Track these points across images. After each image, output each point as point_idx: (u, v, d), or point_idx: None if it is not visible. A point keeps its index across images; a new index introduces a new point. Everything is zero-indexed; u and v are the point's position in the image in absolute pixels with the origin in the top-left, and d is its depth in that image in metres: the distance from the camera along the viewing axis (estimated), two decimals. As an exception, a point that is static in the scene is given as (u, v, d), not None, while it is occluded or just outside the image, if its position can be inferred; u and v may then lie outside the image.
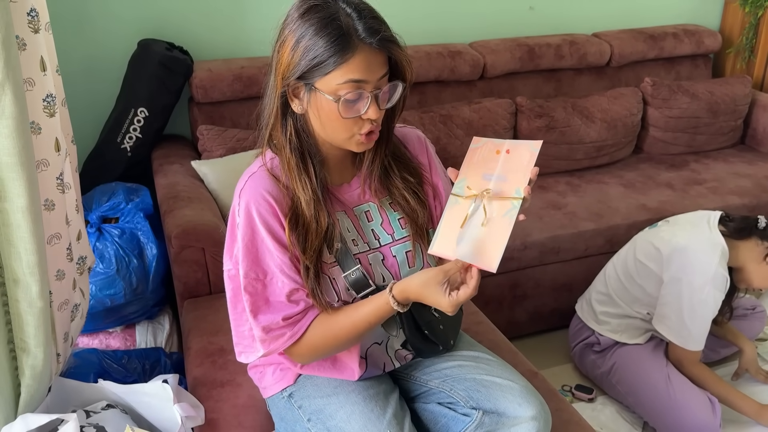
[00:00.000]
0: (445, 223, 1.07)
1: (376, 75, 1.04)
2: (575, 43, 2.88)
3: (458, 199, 1.09)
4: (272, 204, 1.10)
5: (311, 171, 1.12)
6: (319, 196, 1.12)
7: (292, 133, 1.11)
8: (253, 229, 1.11)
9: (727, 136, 3.03)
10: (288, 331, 1.13)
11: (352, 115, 1.05)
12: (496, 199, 1.05)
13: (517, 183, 1.05)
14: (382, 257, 1.19)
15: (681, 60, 3.14)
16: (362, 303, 1.13)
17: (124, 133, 2.32)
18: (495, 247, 1.01)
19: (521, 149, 1.08)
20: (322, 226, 1.11)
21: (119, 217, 2.09)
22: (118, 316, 2.03)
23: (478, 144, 1.12)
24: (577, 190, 2.59)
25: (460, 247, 1.04)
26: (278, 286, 1.11)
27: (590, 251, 2.34)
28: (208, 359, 1.58)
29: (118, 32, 2.39)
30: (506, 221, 1.02)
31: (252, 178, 1.13)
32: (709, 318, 1.91)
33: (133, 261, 2.02)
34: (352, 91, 1.02)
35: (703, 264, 1.87)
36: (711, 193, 2.58)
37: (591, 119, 2.75)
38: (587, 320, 2.15)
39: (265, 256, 1.11)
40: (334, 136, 1.09)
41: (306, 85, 1.05)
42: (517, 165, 1.07)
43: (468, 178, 1.09)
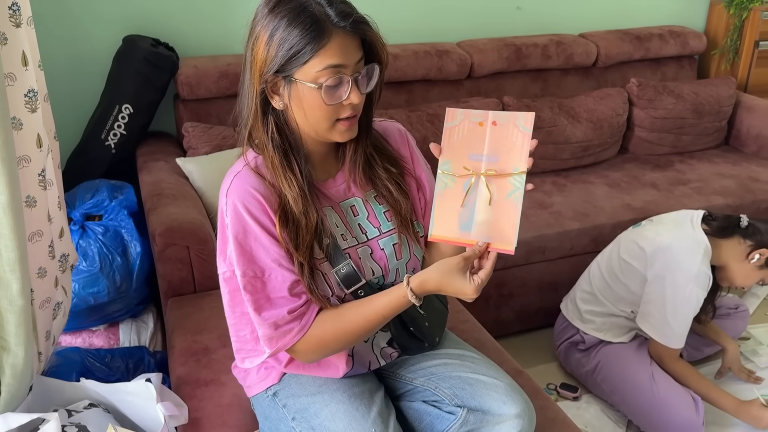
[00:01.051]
0: (439, 206, 1.06)
1: (354, 59, 1.04)
2: (562, 44, 2.89)
3: (449, 179, 1.06)
4: (260, 200, 1.10)
5: (296, 167, 1.11)
6: (306, 192, 1.11)
7: (273, 130, 1.10)
8: (244, 227, 1.10)
9: (712, 137, 3.06)
10: (296, 325, 1.11)
11: (335, 101, 1.05)
12: (496, 177, 1.03)
13: (513, 161, 1.03)
14: (371, 251, 1.19)
15: (667, 61, 3.17)
16: (376, 296, 1.12)
17: (108, 129, 2.30)
18: (509, 227, 1.02)
19: (510, 123, 1.04)
20: (312, 221, 1.11)
21: (103, 215, 2.07)
22: (101, 315, 2.01)
23: (455, 122, 1.07)
24: (563, 190, 2.60)
25: (473, 229, 1.04)
26: (278, 280, 1.10)
27: (576, 250, 2.34)
28: (192, 358, 1.56)
29: (103, 28, 2.37)
30: (512, 202, 1.02)
31: (237, 177, 1.12)
32: (691, 316, 1.92)
33: (117, 259, 2.00)
34: (333, 76, 1.02)
35: (686, 262, 1.89)
36: (695, 193, 2.60)
37: (577, 119, 2.76)
38: (572, 319, 2.16)
39: (259, 252, 1.10)
40: (317, 126, 1.08)
41: (285, 78, 1.05)
42: (509, 141, 1.04)
43: (452, 161, 1.06)
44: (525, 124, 1.04)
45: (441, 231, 1.07)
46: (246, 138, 1.13)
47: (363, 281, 1.15)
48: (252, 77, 1.06)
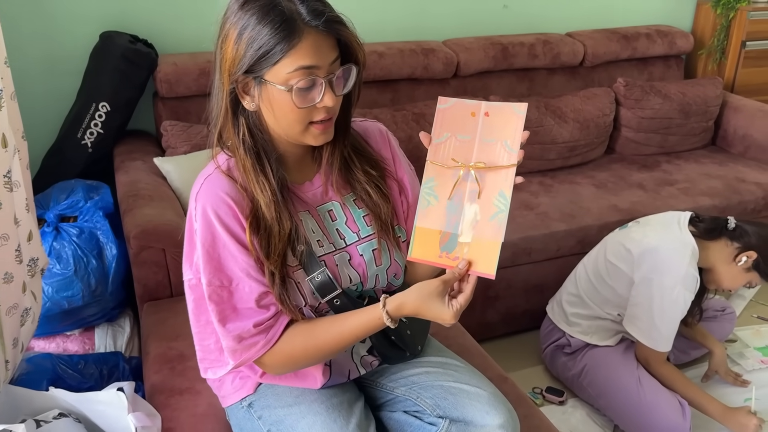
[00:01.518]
0: (421, 226, 1.03)
1: (328, 59, 0.99)
2: (549, 43, 2.86)
3: (432, 197, 1.03)
4: (231, 205, 1.05)
5: (269, 171, 1.06)
6: (279, 198, 1.06)
7: (245, 132, 1.05)
8: (213, 233, 1.05)
9: (699, 137, 3.05)
10: (261, 339, 1.07)
11: (307, 104, 1.00)
12: (487, 170, 0.99)
13: (504, 152, 0.99)
14: (349, 257, 1.15)
15: (654, 60, 3.15)
16: (350, 314, 1.08)
17: (84, 128, 2.24)
18: (491, 251, 0.99)
19: (504, 112, 1.00)
20: (285, 228, 1.06)
21: (78, 216, 2.02)
22: (76, 319, 1.95)
23: (447, 104, 1.04)
24: (549, 191, 2.57)
25: (454, 250, 1.01)
26: (246, 291, 1.06)
27: (562, 252, 2.32)
28: (167, 365, 1.51)
29: (80, 25, 2.31)
30: (495, 225, 0.98)
31: (208, 180, 1.07)
32: (678, 318, 1.90)
33: (92, 261, 1.94)
34: (305, 78, 0.97)
35: (673, 264, 1.86)
36: (682, 194, 2.58)
37: (564, 119, 2.73)
38: (558, 322, 2.13)
39: (228, 261, 1.05)
40: (289, 129, 1.04)
41: (255, 79, 1.00)
42: (501, 132, 1.00)
43: (437, 178, 1.03)
44: (520, 109, 1.00)
45: (421, 252, 1.03)
46: (216, 139, 1.08)
47: (339, 290, 1.10)
48: (221, 77, 1.02)
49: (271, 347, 1.08)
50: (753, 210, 2.60)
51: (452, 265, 1.01)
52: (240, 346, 1.06)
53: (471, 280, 1.01)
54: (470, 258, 1.00)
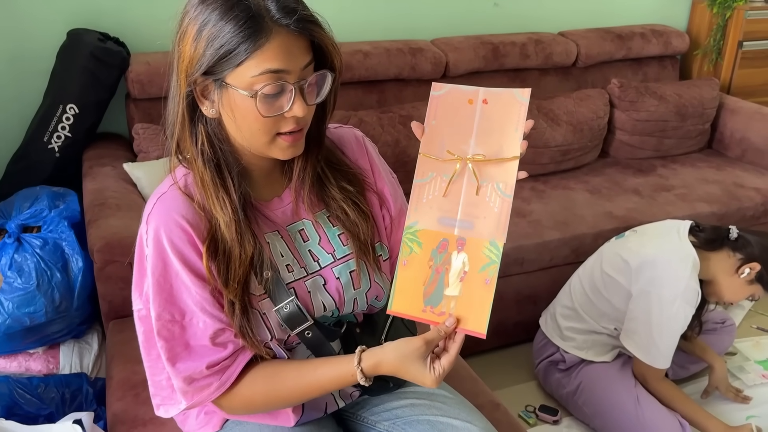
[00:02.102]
0: (403, 276, 0.92)
1: (299, 63, 0.87)
2: (541, 42, 2.77)
3: (415, 244, 0.92)
4: (187, 229, 0.93)
5: (230, 186, 0.94)
6: (240, 216, 0.94)
7: (203, 141, 0.93)
8: (164, 261, 0.93)
9: (695, 140, 2.96)
10: (215, 381, 0.96)
11: (274, 112, 0.88)
12: (487, 163, 0.89)
13: (505, 142, 0.89)
14: (324, 281, 1.03)
15: (648, 61, 3.06)
16: (320, 364, 0.97)
17: (51, 132, 2.11)
18: (481, 306, 0.88)
19: (504, 99, 0.91)
20: (247, 251, 0.94)
21: (41, 226, 1.89)
22: (39, 336, 1.83)
23: (441, 91, 0.94)
24: (542, 196, 2.47)
25: (440, 304, 0.90)
26: (199, 327, 0.94)
27: (555, 261, 2.22)
28: (131, 392, 1.39)
29: (46, 21, 2.18)
30: (485, 277, 0.88)
31: (161, 200, 0.96)
32: (678, 334, 1.81)
33: (56, 275, 1.82)
34: (272, 83, 0.86)
35: (673, 277, 1.77)
36: (679, 200, 2.49)
37: (557, 122, 2.63)
38: (552, 336, 2.03)
39: (181, 292, 0.94)
40: (253, 140, 0.92)
41: (215, 82, 0.88)
42: (502, 120, 0.90)
43: (421, 221, 0.92)
44: (522, 95, 0.91)
45: (402, 306, 0.92)
46: (174, 150, 0.96)
47: (309, 321, 0.99)
48: (178, 78, 0.90)
49: (226, 390, 0.96)
50: (752, 216, 2.51)
51: (437, 321, 0.90)
52: (191, 387, 0.95)
53: (458, 339, 0.90)
54: (458, 314, 0.89)
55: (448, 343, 0.91)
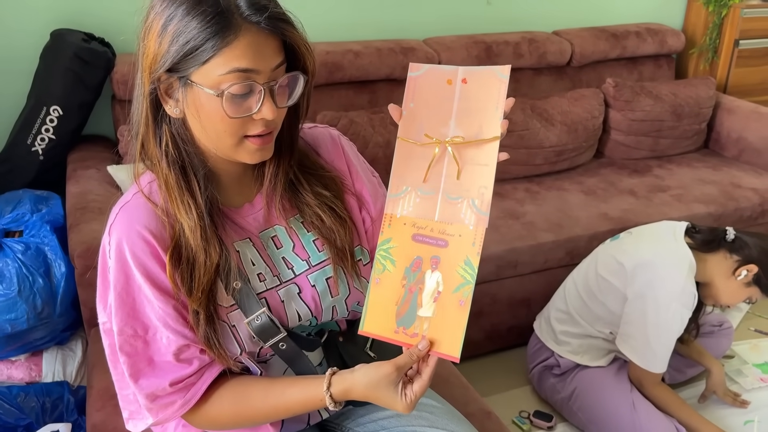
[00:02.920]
0: (375, 295, 0.88)
1: (269, 63, 0.83)
2: (535, 41, 2.73)
3: (388, 262, 0.88)
4: (150, 241, 0.89)
5: (196, 189, 0.90)
6: (206, 222, 0.90)
7: (167, 142, 0.88)
8: (126, 274, 0.89)
9: (691, 140, 2.92)
10: (179, 398, 0.92)
11: (241, 114, 0.84)
12: (467, 145, 0.85)
13: (485, 123, 0.85)
14: (298, 289, 0.99)
15: (644, 60, 3.03)
16: (288, 385, 0.93)
17: (35, 134, 2.07)
18: (455, 328, 0.84)
19: (484, 77, 0.86)
20: (212, 258, 0.90)
21: (23, 230, 1.85)
22: (21, 343, 1.79)
23: (419, 71, 0.89)
24: (536, 198, 2.43)
25: (412, 325, 0.86)
26: (163, 343, 0.90)
27: (550, 264, 2.18)
28: (111, 401, 1.35)
29: (29, 21, 2.14)
30: (459, 298, 0.85)
31: (124, 210, 0.91)
32: (674, 338, 1.77)
33: (38, 280, 1.77)
34: (240, 83, 0.82)
35: (669, 279, 1.73)
36: (675, 201, 2.45)
37: (551, 122, 2.59)
38: (546, 340, 1.99)
39: (143, 306, 0.90)
40: (219, 142, 0.88)
41: (180, 80, 0.84)
42: (481, 99, 0.86)
43: (395, 238, 0.88)
44: (502, 72, 0.86)
45: (374, 326, 0.88)
46: (138, 153, 0.91)
47: (282, 333, 0.95)
48: (142, 76, 0.86)
49: (192, 408, 0.92)
50: (749, 217, 2.48)
51: (410, 343, 0.86)
52: (154, 405, 0.92)
53: (431, 362, 0.85)
54: (431, 336, 0.85)
55: (421, 367, 0.86)
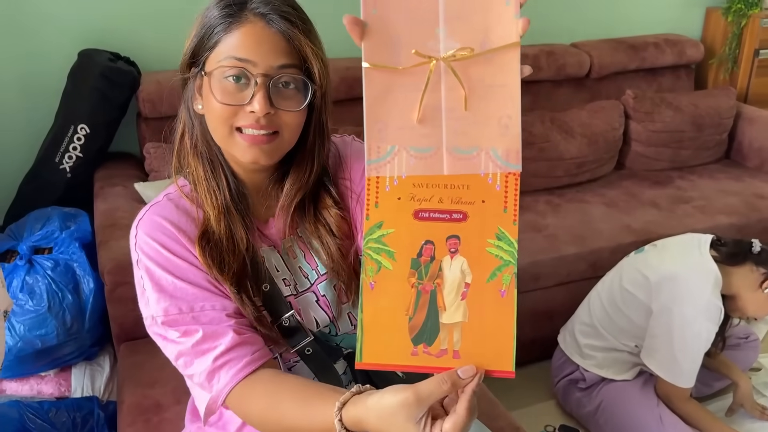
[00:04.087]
0: (371, 307, 0.64)
1: (269, 59, 0.85)
2: (553, 54, 2.73)
3: (380, 260, 0.65)
4: (174, 233, 0.91)
5: (222, 179, 0.93)
6: (231, 209, 0.93)
7: (198, 136, 0.93)
8: (157, 260, 0.91)
9: (712, 151, 2.91)
10: (243, 355, 0.87)
11: (231, 101, 0.86)
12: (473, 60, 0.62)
13: (493, 24, 0.62)
14: (316, 297, 1.00)
15: (663, 71, 3.02)
16: (307, 401, 0.82)
17: (63, 152, 2.11)
18: (500, 330, 0.62)
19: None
20: (240, 244, 0.92)
21: (53, 247, 1.88)
22: (51, 359, 1.81)
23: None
24: (557, 210, 2.43)
25: (436, 340, 0.63)
26: (211, 312, 0.90)
27: (572, 277, 2.17)
28: (142, 417, 1.37)
29: (57, 42, 2.18)
30: (499, 285, 0.63)
31: (153, 208, 0.95)
32: (701, 352, 1.76)
33: (68, 297, 1.80)
34: (232, 67, 0.85)
35: (695, 293, 1.72)
36: (698, 212, 2.44)
37: (571, 134, 2.59)
38: (571, 354, 1.98)
39: (182, 286, 0.90)
40: (215, 132, 0.90)
41: (200, 73, 0.88)
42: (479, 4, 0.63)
43: (387, 220, 0.65)
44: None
45: (377, 353, 0.63)
46: (176, 152, 0.96)
47: (310, 337, 0.96)
48: (181, 75, 0.92)
49: (255, 369, 0.88)
50: (774, 228, 2.46)
51: (439, 367, 0.64)
52: (217, 364, 0.87)
53: (468, 389, 0.63)
54: (466, 349, 0.62)
55: (457, 396, 0.65)
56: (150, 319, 0.93)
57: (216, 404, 0.90)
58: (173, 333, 0.90)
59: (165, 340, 0.92)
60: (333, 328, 1.02)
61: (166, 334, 0.91)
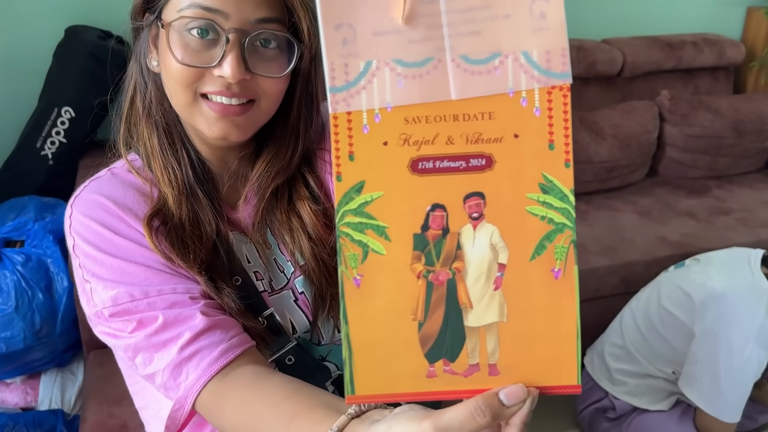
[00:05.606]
0: (359, 316, 0.45)
1: (245, 10, 0.67)
2: (583, 50, 2.54)
3: (369, 244, 0.43)
4: (117, 211, 0.73)
5: (182, 152, 0.75)
6: (195, 189, 0.75)
7: (152, 99, 0.74)
8: (96, 244, 0.72)
9: (753, 159, 2.70)
10: (217, 343, 0.69)
11: (195, 61, 0.68)
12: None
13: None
14: (293, 296, 0.81)
15: (700, 72, 2.81)
16: (292, 421, 0.64)
17: (45, 137, 1.94)
18: (555, 336, 0.44)
19: None
20: (207, 228, 0.74)
21: (25, 240, 1.70)
22: (17, 365, 1.64)
23: None
24: (585, 218, 2.23)
25: (462, 354, 0.44)
26: (171, 294, 0.72)
27: (602, 292, 1.99)
28: (104, 440, 1.18)
29: (42, 18, 2.01)
30: (548, 264, 0.43)
31: (93, 184, 0.77)
32: (750, 382, 1.57)
33: (38, 296, 1.63)
34: (196, 18, 0.67)
35: (745, 316, 1.54)
36: (740, 224, 2.24)
37: (601, 136, 2.40)
38: (599, 379, 1.79)
39: (134, 269, 0.72)
40: (176, 96, 0.72)
41: (155, 22, 0.70)
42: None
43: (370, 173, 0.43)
44: None
45: (375, 381, 0.45)
46: (124, 118, 0.77)
47: (292, 342, 0.78)
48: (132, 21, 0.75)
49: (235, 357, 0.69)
50: (823, 245, 2.24)
51: (467, 390, 0.45)
52: (185, 355, 0.68)
53: (516, 421, 0.45)
54: (507, 363, 0.44)
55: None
56: (95, 317, 0.74)
57: (183, 409, 0.70)
58: (125, 325, 0.71)
59: (116, 337, 0.72)
60: (315, 335, 0.82)
61: (117, 328, 0.72)
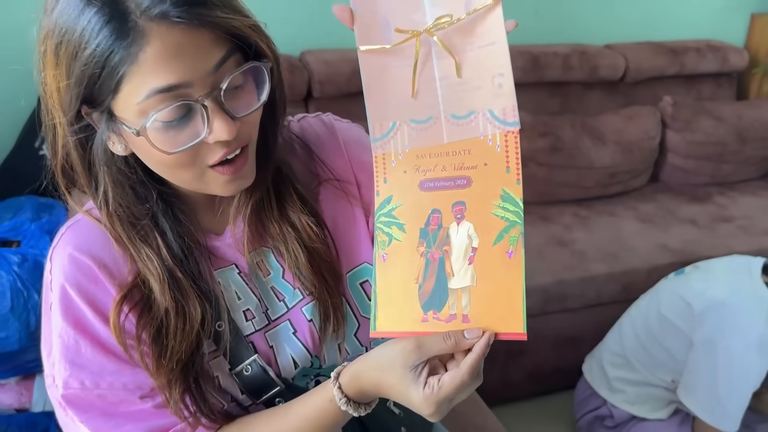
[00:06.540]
0: (384, 277, 0.66)
1: (202, 66, 0.60)
2: (586, 54, 2.53)
3: (392, 233, 0.66)
4: (95, 272, 0.70)
5: (157, 241, 0.70)
6: (175, 273, 0.70)
7: (107, 190, 0.68)
8: (73, 313, 0.71)
9: (756, 167, 2.69)
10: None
11: (184, 144, 0.62)
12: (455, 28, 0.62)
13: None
14: (293, 329, 0.78)
15: (703, 78, 2.80)
16: (292, 404, 0.72)
17: (43, 137, 1.93)
18: (508, 296, 0.62)
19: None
20: (193, 318, 0.70)
21: (21, 240, 1.70)
22: (11, 365, 1.63)
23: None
24: (586, 224, 2.22)
25: (446, 305, 0.64)
26: (124, 390, 0.71)
27: (602, 299, 1.97)
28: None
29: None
30: (506, 247, 0.63)
31: (71, 230, 0.74)
32: (749, 392, 1.55)
33: (34, 296, 1.62)
34: (166, 106, 0.60)
35: (745, 325, 1.53)
36: (742, 232, 2.23)
37: (603, 141, 2.38)
38: (598, 387, 1.78)
39: (91, 351, 0.71)
40: (179, 180, 0.68)
41: (103, 114, 0.63)
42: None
43: (397, 193, 0.66)
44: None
45: (390, 320, 0.66)
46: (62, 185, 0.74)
47: (279, 386, 0.76)
48: (57, 118, 0.68)
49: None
50: (826, 253, 2.23)
51: (446, 332, 0.65)
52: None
53: (476, 349, 0.61)
54: (476, 312, 0.63)
55: (459, 356, 0.63)
56: (50, 379, 0.73)
57: None
58: (74, 414, 0.71)
59: (66, 416, 0.73)
60: (316, 361, 0.81)
61: (66, 411, 0.72)
